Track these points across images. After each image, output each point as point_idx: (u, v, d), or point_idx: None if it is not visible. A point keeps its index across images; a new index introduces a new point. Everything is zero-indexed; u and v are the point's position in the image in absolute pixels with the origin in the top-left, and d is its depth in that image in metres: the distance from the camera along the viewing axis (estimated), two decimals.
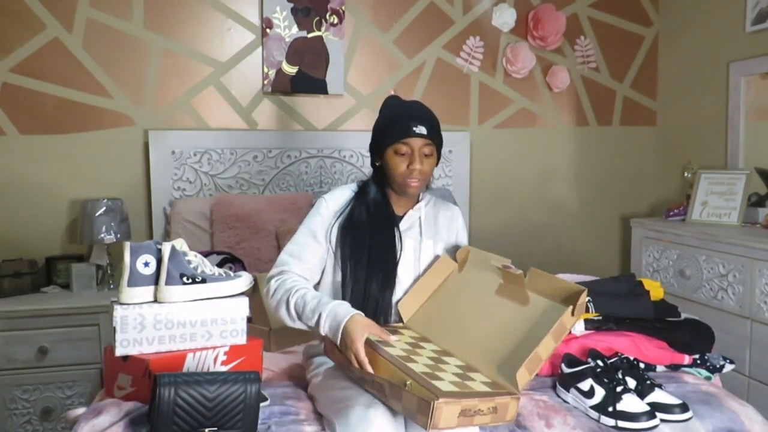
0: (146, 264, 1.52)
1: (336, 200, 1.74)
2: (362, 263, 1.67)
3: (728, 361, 1.82)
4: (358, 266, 1.67)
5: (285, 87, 3.02)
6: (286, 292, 1.59)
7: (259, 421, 1.40)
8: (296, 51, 3.00)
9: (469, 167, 3.24)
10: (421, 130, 1.66)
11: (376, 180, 1.76)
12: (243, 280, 1.62)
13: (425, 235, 1.77)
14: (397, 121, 1.69)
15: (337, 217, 1.71)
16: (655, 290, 1.88)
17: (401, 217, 1.76)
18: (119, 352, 1.50)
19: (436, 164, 1.75)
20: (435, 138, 1.71)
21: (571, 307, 1.43)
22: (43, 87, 2.78)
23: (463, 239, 1.86)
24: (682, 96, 3.36)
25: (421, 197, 1.81)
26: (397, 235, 1.72)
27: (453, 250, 1.80)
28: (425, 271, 1.75)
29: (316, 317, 1.53)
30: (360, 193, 1.75)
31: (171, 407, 1.29)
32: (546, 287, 1.51)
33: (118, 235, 2.70)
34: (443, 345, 1.56)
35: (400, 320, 1.71)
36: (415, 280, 1.74)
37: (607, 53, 3.44)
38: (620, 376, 1.57)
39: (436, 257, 1.78)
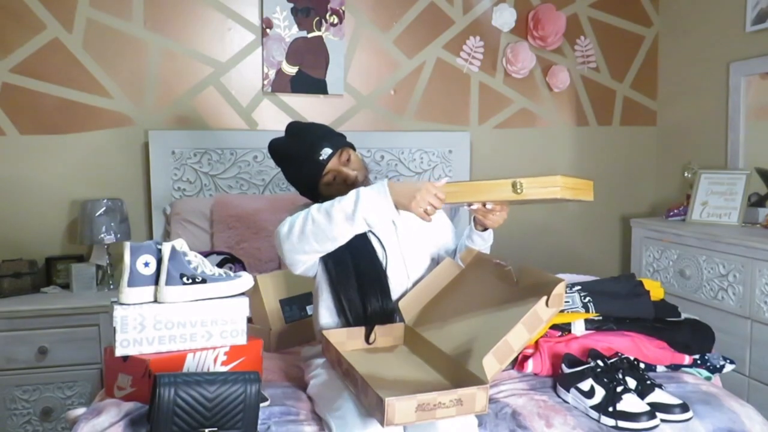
0: (146, 264, 1.52)
1: None
2: (352, 284, 1.66)
3: (728, 361, 1.82)
4: (349, 288, 1.67)
5: (285, 87, 3.01)
6: (305, 214, 1.55)
7: (259, 421, 1.40)
8: (296, 51, 3.00)
9: (469, 167, 3.24)
10: (327, 151, 1.69)
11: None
12: (243, 281, 1.62)
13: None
14: (305, 163, 1.70)
15: None
16: (656, 290, 1.88)
17: None
18: (119, 352, 1.50)
19: (354, 149, 1.78)
20: (340, 142, 1.73)
21: (545, 297, 1.40)
22: (43, 87, 2.78)
23: None
24: (682, 96, 3.36)
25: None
26: (371, 236, 1.72)
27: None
28: (428, 269, 1.77)
29: (350, 197, 1.49)
30: None
31: (171, 407, 1.28)
32: (533, 281, 1.50)
33: (118, 235, 2.70)
34: (432, 340, 1.56)
35: (402, 320, 1.71)
36: (418, 279, 1.75)
37: (607, 53, 3.44)
38: (620, 376, 1.57)
39: (435, 255, 1.77)
